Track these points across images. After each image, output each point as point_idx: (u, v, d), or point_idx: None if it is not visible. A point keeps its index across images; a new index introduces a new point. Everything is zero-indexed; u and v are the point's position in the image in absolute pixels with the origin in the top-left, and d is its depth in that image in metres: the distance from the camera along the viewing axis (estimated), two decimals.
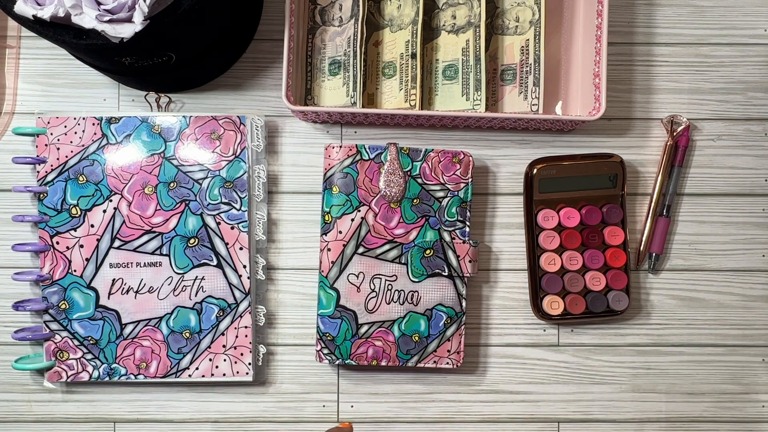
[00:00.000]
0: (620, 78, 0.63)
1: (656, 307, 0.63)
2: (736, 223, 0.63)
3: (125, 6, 0.46)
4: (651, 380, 0.62)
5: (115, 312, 0.58)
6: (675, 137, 0.62)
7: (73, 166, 0.59)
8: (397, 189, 0.59)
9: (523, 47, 0.61)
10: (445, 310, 0.59)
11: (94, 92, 0.62)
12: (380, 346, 0.59)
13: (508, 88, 0.62)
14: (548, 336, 0.62)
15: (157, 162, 0.59)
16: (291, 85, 0.58)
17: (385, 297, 0.59)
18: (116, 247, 0.58)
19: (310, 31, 0.62)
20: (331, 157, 0.59)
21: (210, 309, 0.59)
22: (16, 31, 0.62)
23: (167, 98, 0.61)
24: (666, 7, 0.64)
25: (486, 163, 0.63)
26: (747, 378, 0.63)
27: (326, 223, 0.59)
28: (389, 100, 0.61)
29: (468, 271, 0.59)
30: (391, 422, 0.62)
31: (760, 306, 0.63)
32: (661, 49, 0.64)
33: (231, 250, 0.59)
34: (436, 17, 0.62)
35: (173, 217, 0.59)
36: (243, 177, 0.59)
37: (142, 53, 0.52)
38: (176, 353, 0.59)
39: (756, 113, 0.63)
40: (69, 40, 0.48)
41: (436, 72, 0.62)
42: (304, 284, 0.62)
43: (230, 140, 0.59)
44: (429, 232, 0.59)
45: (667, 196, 0.62)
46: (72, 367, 0.59)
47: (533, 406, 0.62)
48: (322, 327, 0.59)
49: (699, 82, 0.63)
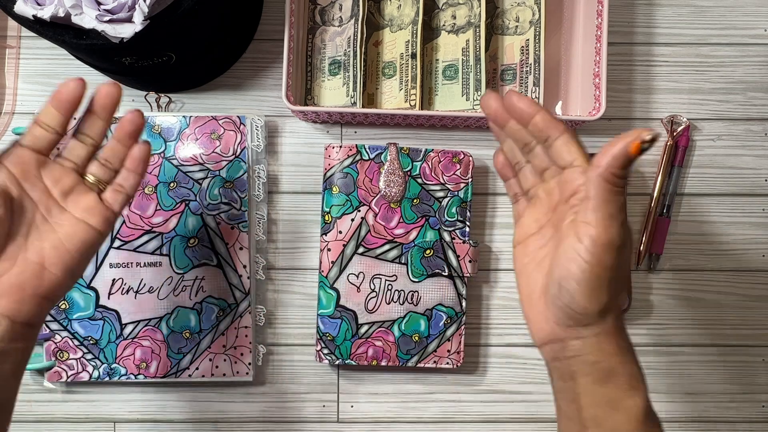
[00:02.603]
0: (620, 78, 0.63)
1: (656, 307, 0.63)
2: (736, 223, 0.63)
3: (125, 6, 0.46)
4: (651, 380, 0.62)
5: (115, 312, 0.58)
6: (675, 137, 0.62)
7: None
8: (397, 189, 0.59)
9: (523, 47, 0.61)
10: (445, 310, 0.59)
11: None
12: (380, 346, 0.59)
13: (508, 88, 0.62)
14: None
15: (157, 162, 0.59)
16: (291, 85, 0.58)
17: (385, 297, 0.59)
18: (116, 247, 0.58)
19: (310, 31, 0.62)
20: (331, 157, 0.59)
21: (210, 309, 0.59)
22: (16, 31, 0.62)
23: (167, 98, 0.61)
24: (666, 7, 0.64)
25: (486, 163, 0.63)
26: (747, 378, 0.63)
27: (326, 223, 0.59)
28: (389, 100, 0.61)
29: (468, 271, 0.59)
30: (391, 422, 0.62)
31: (760, 306, 0.63)
32: (661, 49, 0.64)
33: (231, 250, 0.59)
34: (436, 17, 0.62)
35: (173, 217, 0.59)
36: (243, 177, 0.59)
37: (142, 53, 0.52)
38: (176, 353, 0.59)
39: (756, 113, 0.63)
40: (69, 40, 0.48)
41: (436, 72, 0.62)
42: (304, 284, 0.62)
43: (230, 140, 0.59)
44: (429, 232, 0.59)
45: (667, 196, 0.62)
46: (72, 367, 0.59)
47: (533, 406, 0.62)
48: (322, 327, 0.59)
49: (699, 82, 0.63)
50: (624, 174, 0.35)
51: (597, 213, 0.36)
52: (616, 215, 0.36)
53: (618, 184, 0.35)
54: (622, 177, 0.35)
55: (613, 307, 0.38)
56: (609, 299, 0.37)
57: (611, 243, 0.36)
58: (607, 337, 0.38)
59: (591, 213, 0.36)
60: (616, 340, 0.38)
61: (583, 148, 0.38)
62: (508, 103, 0.39)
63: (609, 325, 0.38)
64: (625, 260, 0.37)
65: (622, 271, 0.37)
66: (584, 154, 0.38)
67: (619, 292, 0.38)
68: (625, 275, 0.39)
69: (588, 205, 0.36)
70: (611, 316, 0.38)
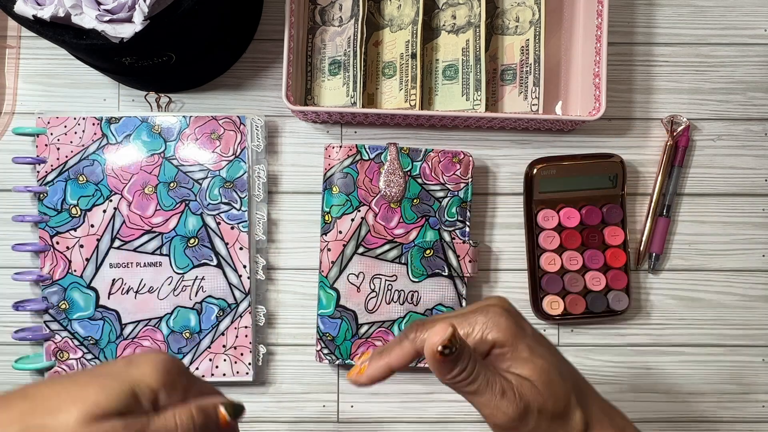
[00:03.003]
0: (620, 78, 0.63)
1: (656, 307, 0.63)
2: (736, 223, 0.63)
3: (125, 6, 0.46)
4: (651, 380, 0.62)
5: (115, 312, 0.58)
6: (675, 137, 0.62)
7: (73, 166, 0.59)
8: (397, 189, 0.59)
9: (523, 47, 0.61)
10: (445, 310, 0.59)
11: (94, 92, 0.62)
12: (380, 347, 0.58)
13: (508, 88, 0.62)
14: (548, 336, 0.62)
15: (157, 162, 0.59)
16: (291, 85, 0.58)
17: (385, 297, 0.59)
18: (116, 247, 0.58)
19: (310, 31, 0.62)
20: (331, 157, 0.59)
21: (210, 309, 0.59)
22: (16, 31, 0.62)
23: (167, 98, 0.61)
24: (666, 7, 0.64)
25: (486, 163, 0.63)
26: (747, 378, 0.63)
27: (326, 223, 0.59)
28: (389, 100, 0.61)
29: (468, 271, 0.59)
30: (391, 422, 0.62)
31: (760, 306, 0.63)
32: (661, 49, 0.64)
33: (231, 250, 0.59)
34: (436, 17, 0.62)
35: (173, 217, 0.59)
36: (243, 177, 0.59)
37: (142, 53, 0.52)
38: (176, 353, 0.59)
39: (756, 113, 0.63)
40: (69, 40, 0.48)
41: (436, 72, 0.62)
42: (304, 284, 0.62)
43: (230, 140, 0.59)
44: (429, 232, 0.59)
45: (667, 196, 0.62)
46: (72, 367, 0.58)
47: None
48: (322, 327, 0.59)
49: (699, 82, 0.63)
50: (456, 371, 0.34)
51: (475, 407, 0.36)
52: (486, 398, 0.35)
53: (459, 379, 0.34)
54: (457, 371, 0.34)
55: (589, 420, 0.36)
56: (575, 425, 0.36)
57: (498, 425, 0.35)
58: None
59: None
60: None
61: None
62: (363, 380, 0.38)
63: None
64: (543, 413, 0.35)
65: (546, 422, 0.35)
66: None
67: (567, 428, 0.36)
68: (550, 418, 0.36)
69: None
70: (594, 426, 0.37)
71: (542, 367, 0.36)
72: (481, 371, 0.34)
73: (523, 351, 0.36)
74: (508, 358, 0.36)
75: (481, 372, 0.34)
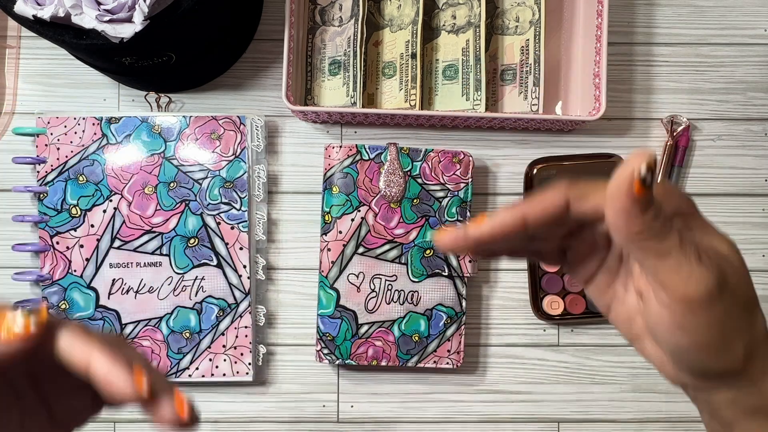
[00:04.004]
0: (620, 78, 0.63)
1: None
2: (736, 223, 0.63)
3: (125, 6, 0.46)
4: (651, 380, 0.62)
5: (115, 312, 0.58)
6: (675, 137, 0.62)
7: (73, 166, 0.59)
8: (397, 189, 0.59)
9: (523, 47, 0.61)
10: (445, 310, 0.59)
11: (94, 92, 0.62)
12: (380, 346, 0.59)
13: (508, 88, 0.62)
14: (548, 336, 0.62)
15: (157, 162, 0.59)
16: (291, 85, 0.58)
17: (385, 297, 0.59)
18: (116, 247, 0.58)
19: (310, 31, 0.62)
20: (331, 157, 0.59)
21: (210, 309, 0.59)
22: (16, 31, 0.62)
23: (167, 98, 0.61)
24: (666, 7, 0.64)
25: (486, 163, 0.63)
26: None
27: (326, 223, 0.59)
28: (389, 100, 0.61)
29: (468, 271, 0.59)
30: (391, 422, 0.62)
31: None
32: (661, 49, 0.64)
33: (231, 250, 0.59)
34: (436, 17, 0.62)
35: (173, 217, 0.59)
36: (243, 177, 0.59)
37: (142, 53, 0.52)
38: (176, 353, 0.59)
39: (756, 113, 0.63)
40: (69, 40, 0.48)
41: (436, 72, 0.62)
42: (304, 284, 0.62)
43: (230, 140, 0.59)
44: (429, 232, 0.59)
45: None
46: None
47: (533, 406, 0.62)
48: (322, 327, 0.59)
49: (699, 82, 0.63)
50: (648, 216, 0.26)
51: (654, 276, 0.27)
52: (677, 261, 0.26)
53: (649, 232, 0.26)
54: (650, 217, 0.26)
55: (755, 347, 0.29)
56: (741, 347, 0.28)
57: (689, 299, 0.27)
58: (764, 376, 0.29)
59: (650, 277, 0.28)
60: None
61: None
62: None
63: (759, 366, 0.29)
64: (736, 296, 0.29)
65: (738, 308, 0.29)
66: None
67: (752, 328, 0.29)
68: (742, 306, 0.29)
69: (642, 269, 0.29)
70: (759, 353, 0.29)
71: (732, 245, 0.29)
72: (674, 224, 0.26)
73: (707, 223, 0.29)
74: (694, 227, 0.29)
75: (674, 225, 0.26)
